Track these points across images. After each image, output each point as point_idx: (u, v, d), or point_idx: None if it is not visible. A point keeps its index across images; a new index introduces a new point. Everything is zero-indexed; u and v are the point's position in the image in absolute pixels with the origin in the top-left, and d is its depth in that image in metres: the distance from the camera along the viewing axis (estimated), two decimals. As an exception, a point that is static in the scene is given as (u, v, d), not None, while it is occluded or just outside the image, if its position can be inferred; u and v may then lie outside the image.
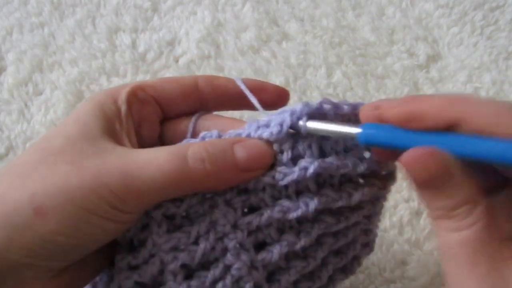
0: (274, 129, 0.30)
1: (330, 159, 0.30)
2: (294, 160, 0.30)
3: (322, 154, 0.30)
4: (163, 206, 0.30)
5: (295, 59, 0.61)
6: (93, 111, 0.30)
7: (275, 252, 0.30)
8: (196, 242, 0.29)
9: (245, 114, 0.54)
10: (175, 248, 0.29)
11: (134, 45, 0.62)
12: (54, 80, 0.59)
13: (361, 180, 0.32)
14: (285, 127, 0.29)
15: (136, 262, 0.30)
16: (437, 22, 0.65)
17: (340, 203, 0.31)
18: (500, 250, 0.25)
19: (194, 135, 0.33)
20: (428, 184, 0.26)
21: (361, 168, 0.30)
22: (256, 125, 0.30)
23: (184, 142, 0.31)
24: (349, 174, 0.31)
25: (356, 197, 0.31)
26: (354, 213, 0.32)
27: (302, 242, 0.31)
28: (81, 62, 0.60)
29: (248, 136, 0.30)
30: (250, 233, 0.30)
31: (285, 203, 0.30)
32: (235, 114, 0.51)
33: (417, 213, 0.50)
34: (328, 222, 0.31)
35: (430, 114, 0.26)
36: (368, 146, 0.30)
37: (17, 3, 0.66)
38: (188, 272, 0.30)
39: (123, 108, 0.31)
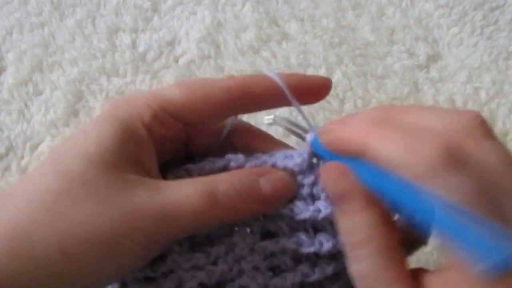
0: (299, 159, 0.31)
1: None
2: (313, 198, 0.31)
3: None
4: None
5: (295, 59, 0.61)
6: (115, 134, 0.28)
7: (288, 280, 0.31)
8: (215, 263, 0.30)
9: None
10: (195, 267, 0.30)
11: (134, 45, 0.62)
12: (54, 80, 0.59)
13: None
14: (306, 157, 0.31)
15: (154, 275, 0.30)
16: (437, 22, 0.65)
17: None
18: (404, 282, 0.25)
19: (221, 144, 0.34)
20: (334, 199, 0.27)
21: None
22: (283, 155, 0.31)
23: (208, 160, 0.31)
24: None
25: None
26: None
27: (316, 276, 0.31)
28: (81, 62, 0.60)
29: (274, 164, 0.31)
30: (266, 257, 0.31)
31: (302, 236, 0.30)
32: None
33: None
34: (346, 265, 0.30)
35: (346, 141, 0.27)
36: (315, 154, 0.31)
37: (17, 3, 0.66)
38: None
39: (145, 136, 0.29)
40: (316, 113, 0.57)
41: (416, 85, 0.60)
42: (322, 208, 0.30)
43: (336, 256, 0.31)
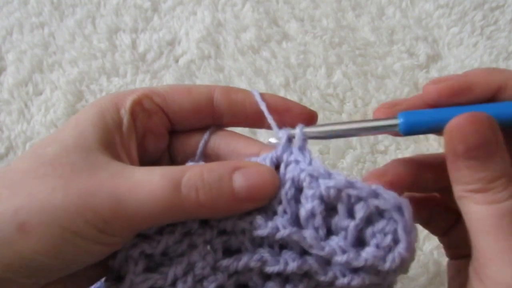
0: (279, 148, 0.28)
1: (306, 233, 0.27)
2: (274, 213, 0.28)
3: (298, 224, 0.27)
4: (139, 246, 0.28)
5: (295, 59, 0.61)
6: (93, 120, 0.28)
7: None
8: (173, 284, 0.28)
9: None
10: None
11: (134, 45, 0.62)
12: (54, 80, 0.59)
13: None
14: (268, 162, 0.28)
15: None
16: (437, 22, 0.65)
17: (323, 279, 0.27)
18: None
19: (205, 153, 0.32)
20: (474, 152, 0.25)
21: (341, 258, 0.26)
22: (261, 158, 0.28)
23: (188, 164, 0.29)
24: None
25: (341, 282, 0.27)
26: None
27: None
28: (81, 62, 0.60)
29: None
30: (230, 275, 0.28)
31: (265, 254, 0.28)
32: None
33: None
34: (320, 282, 0.28)
35: (477, 84, 0.26)
36: (411, 133, 0.28)
37: (17, 3, 0.66)
38: None
39: (126, 118, 0.29)
40: (316, 113, 0.57)
41: (416, 85, 0.60)
42: (281, 227, 0.27)
43: (308, 273, 0.28)
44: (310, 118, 0.31)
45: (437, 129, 0.27)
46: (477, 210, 0.25)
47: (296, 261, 0.27)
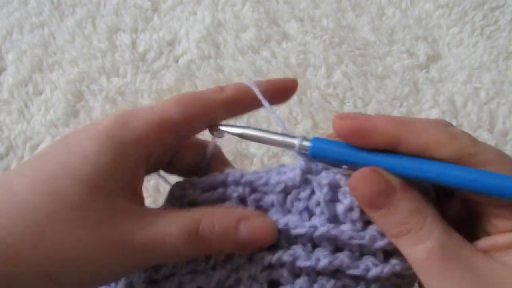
0: (290, 174, 0.31)
1: (344, 227, 0.29)
2: (309, 212, 0.31)
3: (335, 221, 0.30)
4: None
5: (295, 59, 0.61)
6: (113, 157, 0.27)
7: None
8: (213, 268, 0.31)
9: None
10: (194, 271, 0.31)
11: (134, 45, 0.62)
12: (54, 80, 0.59)
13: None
14: (298, 171, 0.30)
15: (157, 277, 0.31)
16: (437, 22, 0.65)
17: (355, 272, 0.30)
18: (465, 250, 0.26)
19: (211, 160, 0.34)
20: (374, 203, 0.27)
21: (381, 243, 0.29)
22: (277, 171, 0.31)
23: (209, 178, 0.32)
24: (369, 247, 0.30)
25: (374, 272, 0.30)
26: (377, 283, 0.31)
27: None
28: (81, 62, 0.60)
29: (268, 181, 0.31)
30: (264, 268, 0.31)
31: (298, 250, 0.30)
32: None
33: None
34: (346, 284, 0.31)
35: (377, 130, 0.27)
36: (316, 159, 0.30)
37: (17, 3, 0.66)
38: None
39: (143, 157, 0.29)
40: (316, 113, 0.57)
41: (416, 85, 0.60)
42: (318, 225, 0.30)
43: (337, 274, 0.31)
44: (292, 88, 0.35)
45: (342, 164, 0.30)
46: (408, 254, 0.27)
47: (328, 257, 0.30)
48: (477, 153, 0.26)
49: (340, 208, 0.30)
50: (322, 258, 0.30)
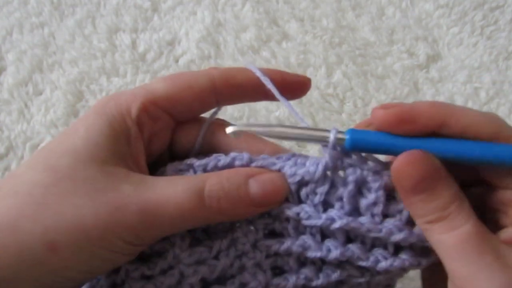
0: (311, 168, 0.29)
1: (363, 219, 0.29)
2: (325, 205, 0.30)
3: (355, 212, 0.30)
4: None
5: (295, 59, 0.61)
6: (103, 130, 0.28)
7: (291, 281, 0.30)
8: (216, 257, 0.30)
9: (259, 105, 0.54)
10: (197, 262, 0.30)
11: (134, 45, 0.62)
12: (54, 80, 0.59)
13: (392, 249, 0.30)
14: (320, 168, 0.29)
15: (152, 273, 0.30)
16: (437, 22, 0.65)
17: (364, 264, 0.30)
18: (494, 238, 0.26)
19: (204, 142, 0.33)
20: (420, 186, 0.27)
21: (397, 237, 0.29)
22: (293, 161, 0.30)
23: (190, 161, 0.30)
24: (383, 240, 0.30)
25: (383, 265, 0.30)
26: (381, 275, 0.31)
27: (319, 281, 0.30)
28: (81, 62, 0.60)
29: (281, 169, 0.30)
30: (269, 255, 0.31)
31: (308, 240, 0.30)
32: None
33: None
34: (351, 274, 0.31)
35: (423, 115, 0.27)
36: (355, 151, 0.29)
37: (17, 3, 0.66)
38: (205, 285, 0.30)
39: (133, 129, 0.29)
40: (316, 113, 0.57)
41: (416, 85, 0.60)
42: (336, 218, 0.29)
43: (343, 265, 0.31)
44: (304, 85, 0.33)
45: (382, 153, 0.29)
46: (440, 240, 0.27)
47: (339, 249, 0.29)
48: None
49: (364, 202, 0.29)
50: (333, 249, 0.29)
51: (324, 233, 0.30)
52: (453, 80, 0.60)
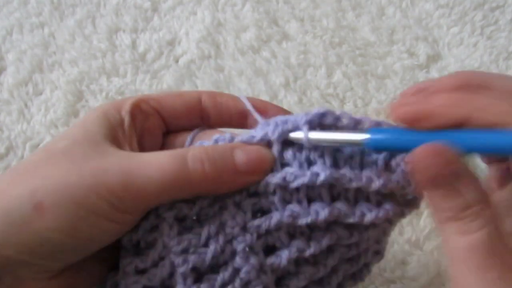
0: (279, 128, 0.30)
1: (344, 171, 0.29)
2: (308, 165, 0.30)
3: (336, 166, 0.30)
4: (176, 207, 0.30)
5: (295, 59, 0.61)
6: (97, 119, 0.31)
7: (284, 257, 0.30)
8: (206, 244, 0.29)
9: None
10: (186, 250, 0.29)
11: (134, 45, 0.62)
12: (54, 80, 0.59)
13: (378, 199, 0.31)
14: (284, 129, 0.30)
15: (144, 266, 0.30)
16: (437, 22, 0.65)
17: (352, 220, 0.30)
18: (507, 249, 0.25)
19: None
20: (441, 180, 0.26)
21: (376, 184, 0.29)
22: (274, 124, 0.31)
23: (198, 144, 0.32)
24: (366, 192, 0.30)
25: (369, 217, 0.30)
26: (368, 230, 0.31)
27: (311, 250, 0.30)
28: (81, 62, 0.60)
29: (265, 135, 0.30)
30: (259, 236, 0.30)
31: (296, 208, 0.30)
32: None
33: (417, 213, 0.50)
34: (341, 235, 0.31)
35: (439, 113, 0.26)
36: (378, 151, 0.29)
37: (17, 3, 0.66)
38: (198, 275, 0.30)
39: (126, 118, 0.32)
40: (316, 113, 0.57)
41: (416, 85, 0.60)
42: (320, 171, 0.29)
43: (331, 227, 0.31)
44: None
45: (404, 151, 0.28)
46: (450, 239, 0.26)
47: (326, 208, 0.29)
48: None
49: (341, 156, 0.30)
50: (321, 211, 0.29)
51: (309, 198, 0.30)
52: (453, 80, 0.60)
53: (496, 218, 0.25)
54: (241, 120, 0.34)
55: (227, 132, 0.33)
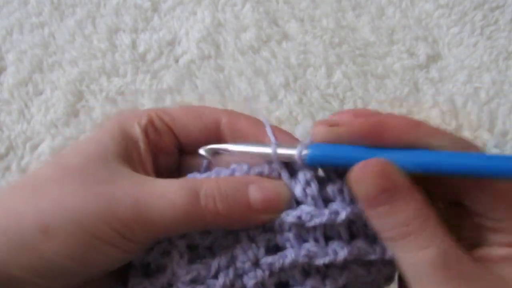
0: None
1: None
2: (325, 202, 0.29)
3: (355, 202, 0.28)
4: (189, 236, 0.29)
5: (295, 59, 0.61)
6: (113, 135, 0.29)
7: None
8: (215, 276, 0.29)
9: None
10: (194, 281, 0.29)
11: (134, 45, 0.62)
12: (54, 80, 0.59)
13: None
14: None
15: None
16: (437, 22, 0.65)
17: (373, 257, 0.29)
18: (465, 259, 0.25)
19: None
20: (378, 199, 0.25)
21: None
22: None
23: (194, 175, 0.30)
24: None
25: (391, 252, 0.28)
26: (386, 266, 0.30)
27: None
28: (81, 62, 0.60)
29: (274, 169, 0.29)
30: (272, 273, 0.29)
31: (312, 247, 0.28)
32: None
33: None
34: (358, 273, 0.30)
35: (393, 131, 0.26)
36: (318, 166, 0.29)
37: (17, 3, 0.66)
38: None
39: (141, 137, 0.30)
40: (316, 113, 0.57)
41: (416, 85, 0.60)
42: (340, 209, 0.28)
43: (348, 265, 0.29)
44: None
45: (343, 166, 0.27)
46: (404, 258, 0.25)
47: (345, 248, 0.28)
48: None
49: None
50: (340, 250, 0.28)
51: (327, 236, 0.29)
52: (453, 80, 0.60)
53: (444, 227, 0.25)
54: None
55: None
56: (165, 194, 0.27)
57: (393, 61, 0.61)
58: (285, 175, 0.29)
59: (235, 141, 0.31)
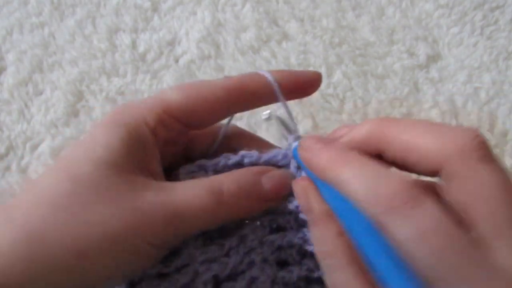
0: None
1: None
2: None
3: None
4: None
5: (295, 59, 0.61)
6: (122, 137, 0.29)
7: (295, 273, 0.31)
8: (227, 255, 0.31)
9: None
10: (209, 260, 0.31)
11: (134, 45, 0.62)
12: (54, 80, 0.59)
13: None
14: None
15: (167, 271, 0.31)
16: (437, 22, 0.65)
17: None
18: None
19: (220, 147, 0.35)
20: (303, 209, 0.29)
21: None
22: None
23: (201, 162, 0.32)
24: None
25: None
26: None
27: (320, 273, 0.31)
28: (81, 62, 0.60)
29: (285, 156, 0.32)
30: (273, 251, 0.32)
31: (307, 233, 0.31)
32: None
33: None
34: None
35: (358, 148, 0.27)
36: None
37: (17, 3, 0.66)
38: (216, 283, 0.31)
39: (150, 138, 0.30)
40: (316, 113, 0.57)
41: (416, 85, 0.60)
42: None
43: None
44: (315, 82, 0.34)
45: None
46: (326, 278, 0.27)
47: None
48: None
49: None
50: None
51: None
52: (453, 80, 0.60)
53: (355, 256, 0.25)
54: (269, 99, 0.33)
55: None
56: (194, 201, 0.28)
57: (393, 61, 0.61)
58: (293, 164, 0.32)
59: (247, 105, 0.33)
